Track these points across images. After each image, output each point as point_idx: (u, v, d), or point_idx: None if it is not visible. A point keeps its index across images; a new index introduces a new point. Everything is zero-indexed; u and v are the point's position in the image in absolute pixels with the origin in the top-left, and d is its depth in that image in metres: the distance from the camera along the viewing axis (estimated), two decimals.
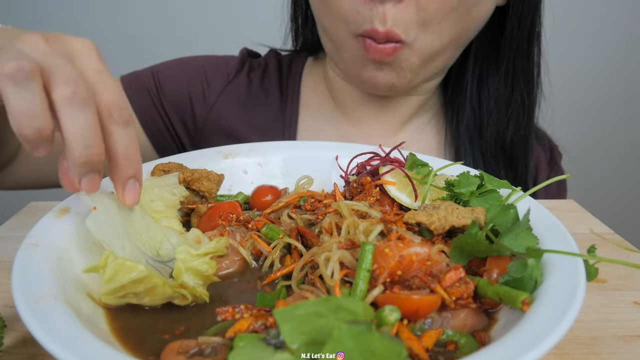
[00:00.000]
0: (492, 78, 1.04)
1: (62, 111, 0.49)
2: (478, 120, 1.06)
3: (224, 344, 0.46)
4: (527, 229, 0.57)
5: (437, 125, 1.13)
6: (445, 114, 1.12)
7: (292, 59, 1.17)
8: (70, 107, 0.48)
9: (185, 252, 0.54)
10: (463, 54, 1.02)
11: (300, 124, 1.11)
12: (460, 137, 1.07)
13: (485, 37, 1.01)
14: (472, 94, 1.05)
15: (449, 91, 1.11)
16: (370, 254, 0.51)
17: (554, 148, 1.22)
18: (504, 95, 1.03)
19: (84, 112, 0.49)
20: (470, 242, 0.55)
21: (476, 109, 1.06)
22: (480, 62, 1.04)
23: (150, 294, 0.51)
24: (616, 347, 0.54)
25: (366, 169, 0.81)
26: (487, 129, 1.05)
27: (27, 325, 0.41)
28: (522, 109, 1.05)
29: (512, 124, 1.05)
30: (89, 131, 0.50)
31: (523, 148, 1.08)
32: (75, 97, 0.48)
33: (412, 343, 0.46)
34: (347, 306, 0.43)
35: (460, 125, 1.07)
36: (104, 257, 0.49)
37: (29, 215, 0.82)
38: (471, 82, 1.05)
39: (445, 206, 0.62)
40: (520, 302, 0.47)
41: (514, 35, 0.98)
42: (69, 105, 0.48)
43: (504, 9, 0.97)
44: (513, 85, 1.03)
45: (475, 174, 0.69)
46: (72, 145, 0.49)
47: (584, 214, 0.88)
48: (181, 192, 0.69)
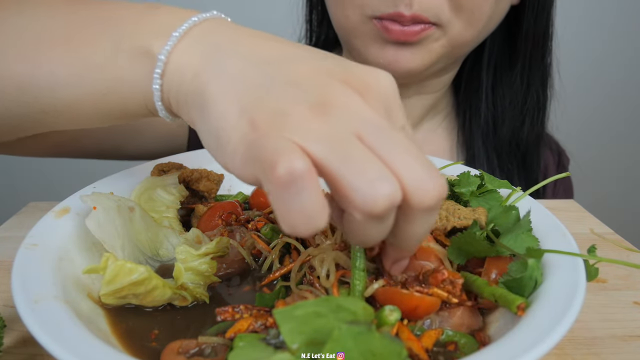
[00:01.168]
0: (507, 76, 1.04)
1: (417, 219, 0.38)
2: (493, 119, 1.07)
3: (224, 344, 0.46)
4: (527, 230, 0.57)
5: (449, 127, 1.13)
6: (457, 116, 1.13)
7: None
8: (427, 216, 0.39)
9: (185, 252, 0.54)
10: (476, 52, 1.02)
11: None
12: (474, 137, 1.08)
13: (498, 36, 1.02)
14: (488, 93, 1.06)
15: (462, 91, 1.11)
16: (361, 254, 0.51)
17: (561, 152, 1.22)
18: (520, 93, 1.04)
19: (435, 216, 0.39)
20: (469, 241, 0.55)
21: (491, 108, 1.06)
22: (495, 61, 1.05)
23: (151, 295, 0.51)
24: (616, 347, 0.54)
25: None
26: (503, 127, 1.06)
27: (27, 325, 0.41)
28: (537, 105, 1.06)
29: (527, 120, 1.06)
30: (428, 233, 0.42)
31: (536, 145, 1.09)
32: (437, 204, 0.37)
33: (412, 343, 0.46)
34: (347, 306, 0.42)
35: (474, 124, 1.08)
36: (104, 259, 0.49)
37: (29, 215, 0.81)
38: (486, 81, 1.05)
39: (446, 206, 0.62)
40: (515, 306, 0.47)
41: (529, 33, 0.99)
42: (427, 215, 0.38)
43: (518, 8, 0.97)
44: (529, 82, 1.04)
45: (476, 174, 0.69)
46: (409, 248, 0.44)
47: (584, 214, 0.88)
48: (181, 192, 0.69)
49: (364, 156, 0.36)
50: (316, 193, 0.35)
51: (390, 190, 0.35)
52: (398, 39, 0.83)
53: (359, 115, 0.37)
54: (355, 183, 0.35)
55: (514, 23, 1.00)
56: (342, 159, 0.35)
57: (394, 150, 0.36)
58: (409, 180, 0.36)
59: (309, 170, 0.34)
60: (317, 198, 0.35)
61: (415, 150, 0.37)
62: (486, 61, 1.04)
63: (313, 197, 0.34)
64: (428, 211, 0.38)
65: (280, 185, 0.34)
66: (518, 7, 0.97)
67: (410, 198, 0.36)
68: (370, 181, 0.34)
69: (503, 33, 1.01)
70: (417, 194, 0.36)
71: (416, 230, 0.40)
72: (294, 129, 0.36)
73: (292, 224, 0.35)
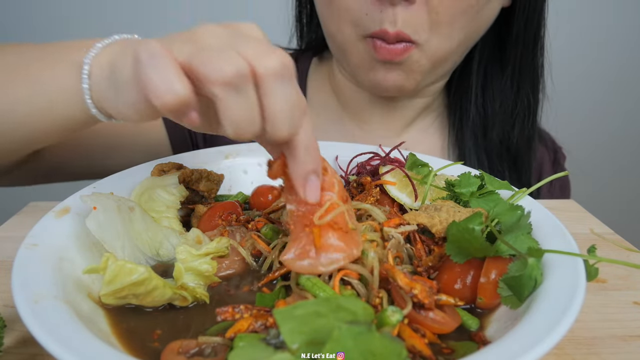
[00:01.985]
0: (497, 79, 1.04)
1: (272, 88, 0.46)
2: (483, 121, 1.06)
3: (224, 344, 0.46)
4: (527, 232, 0.57)
5: (441, 126, 1.14)
6: (449, 115, 1.13)
7: (297, 58, 1.17)
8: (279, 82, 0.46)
9: (185, 252, 0.54)
10: (466, 56, 1.02)
11: None
12: (465, 138, 1.08)
13: (490, 39, 1.01)
14: (477, 95, 1.06)
15: (452, 92, 1.11)
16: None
17: (557, 150, 1.22)
18: (510, 96, 1.04)
19: (292, 85, 0.47)
20: (467, 237, 0.54)
21: (481, 110, 1.06)
22: (485, 64, 1.05)
23: (151, 295, 0.51)
24: (616, 347, 0.54)
25: (366, 169, 0.81)
26: (493, 130, 1.06)
27: (27, 325, 0.41)
28: (527, 109, 1.05)
29: (517, 124, 1.06)
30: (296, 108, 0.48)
31: (527, 148, 1.09)
32: (285, 69, 0.46)
33: (415, 341, 0.46)
34: (347, 306, 0.43)
35: (464, 126, 1.08)
36: (104, 259, 0.49)
37: (29, 215, 0.82)
38: (476, 83, 1.05)
39: (447, 208, 0.62)
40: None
41: (520, 36, 0.98)
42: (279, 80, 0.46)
43: (509, 11, 0.97)
44: (519, 86, 1.04)
45: (476, 175, 0.69)
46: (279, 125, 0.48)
47: (584, 214, 0.88)
48: (181, 192, 0.69)
49: (217, 47, 0.46)
50: (171, 66, 0.44)
51: (234, 60, 0.44)
52: (385, 58, 0.86)
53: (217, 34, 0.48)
54: (205, 60, 0.44)
55: (504, 26, 0.99)
56: (199, 53, 0.45)
57: (242, 43, 0.46)
58: (253, 55, 0.45)
59: (164, 50, 0.44)
60: (174, 68, 0.44)
61: (262, 40, 0.48)
62: (476, 64, 1.04)
63: (170, 66, 0.44)
64: (278, 77, 0.46)
65: (142, 61, 0.44)
66: (509, 10, 0.97)
67: (256, 67, 0.45)
68: (218, 58, 0.44)
69: (494, 36, 1.01)
70: (262, 62, 0.45)
71: (277, 102, 0.47)
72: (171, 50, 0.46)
73: (156, 93, 0.43)
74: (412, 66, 0.89)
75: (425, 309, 0.49)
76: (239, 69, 0.44)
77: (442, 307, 0.51)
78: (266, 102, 0.47)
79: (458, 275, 0.56)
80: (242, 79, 0.44)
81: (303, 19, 1.14)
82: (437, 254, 0.58)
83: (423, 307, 0.49)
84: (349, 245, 0.53)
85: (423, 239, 0.61)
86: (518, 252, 0.53)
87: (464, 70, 1.07)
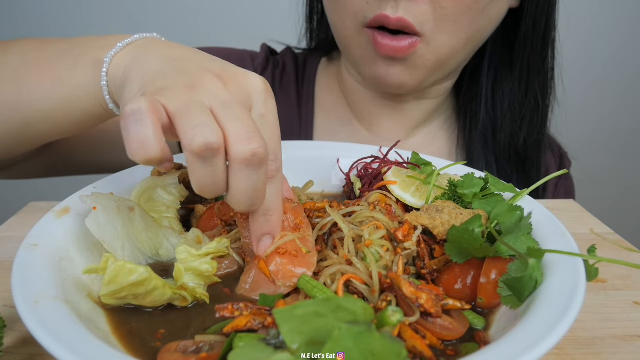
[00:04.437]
0: (507, 80, 1.04)
1: (238, 170, 0.48)
2: (492, 123, 1.06)
3: (221, 341, 0.46)
4: (527, 232, 0.57)
5: (450, 129, 1.14)
6: (458, 119, 1.13)
7: (307, 58, 1.17)
8: (244, 169, 0.48)
9: (185, 252, 0.54)
10: (477, 57, 1.02)
11: (316, 125, 1.12)
12: (473, 141, 1.07)
13: (499, 40, 1.01)
14: (487, 97, 1.05)
15: (462, 95, 1.11)
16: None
17: (563, 155, 1.22)
18: (518, 98, 1.04)
19: (257, 174, 0.49)
20: (467, 237, 0.54)
21: (491, 112, 1.06)
22: (495, 65, 1.04)
23: (151, 296, 0.51)
24: (616, 347, 0.54)
25: (368, 171, 0.81)
26: (501, 132, 1.05)
27: (27, 325, 0.41)
28: (535, 112, 1.05)
29: (525, 126, 1.05)
30: (258, 191, 0.50)
31: (536, 151, 1.08)
32: (253, 159, 0.47)
33: (416, 341, 0.46)
34: (347, 306, 0.43)
35: (473, 128, 1.07)
36: (104, 260, 0.49)
37: (29, 215, 0.81)
38: (486, 85, 1.05)
39: (448, 210, 0.62)
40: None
41: (528, 37, 0.98)
42: (244, 167, 0.48)
43: (518, 12, 0.97)
44: (527, 87, 1.03)
45: (480, 176, 0.68)
46: (237, 201, 0.51)
47: (584, 214, 0.88)
48: (181, 192, 0.69)
49: (200, 113, 0.47)
50: (152, 126, 0.45)
51: (209, 134, 0.46)
52: (387, 54, 0.86)
53: (214, 94, 0.50)
54: (185, 127, 0.46)
55: (513, 27, 0.99)
56: (184, 113, 0.47)
57: (230, 117, 0.48)
58: (232, 135, 0.47)
59: (150, 109, 0.45)
60: (152, 130, 0.45)
61: (248, 122, 0.48)
62: (486, 66, 1.04)
63: (148, 127, 0.45)
64: (247, 165, 0.48)
65: (126, 116, 0.45)
66: (518, 11, 0.97)
67: (230, 148, 0.47)
68: (195, 126, 0.46)
69: (503, 38, 1.01)
70: (236, 146, 0.47)
71: (240, 184, 0.49)
72: (164, 96, 0.48)
73: (129, 149, 0.45)
74: (416, 61, 0.88)
75: (432, 316, 0.49)
76: (210, 143, 0.46)
77: (449, 312, 0.51)
78: (230, 180, 0.49)
79: (458, 276, 0.56)
80: (211, 152, 0.46)
81: (314, 20, 1.14)
82: (443, 259, 0.58)
83: (430, 314, 0.49)
84: (301, 267, 0.56)
85: (425, 238, 0.61)
86: (518, 253, 0.53)
87: (474, 72, 1.07)
